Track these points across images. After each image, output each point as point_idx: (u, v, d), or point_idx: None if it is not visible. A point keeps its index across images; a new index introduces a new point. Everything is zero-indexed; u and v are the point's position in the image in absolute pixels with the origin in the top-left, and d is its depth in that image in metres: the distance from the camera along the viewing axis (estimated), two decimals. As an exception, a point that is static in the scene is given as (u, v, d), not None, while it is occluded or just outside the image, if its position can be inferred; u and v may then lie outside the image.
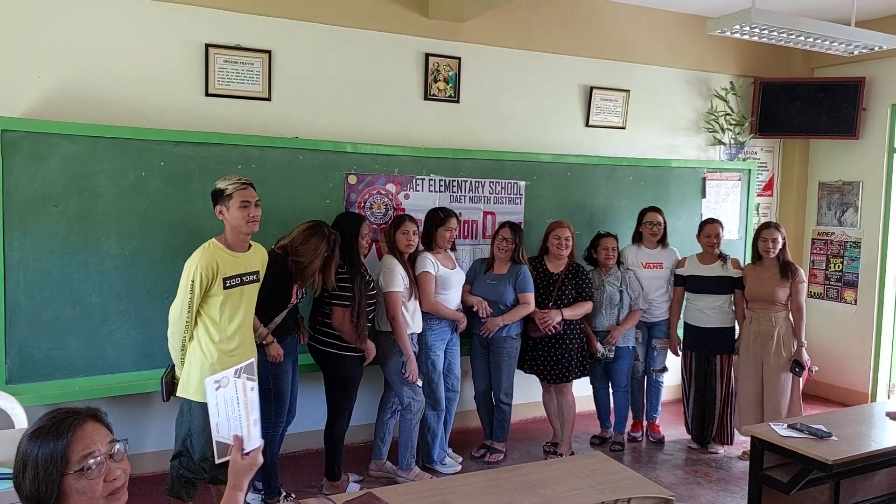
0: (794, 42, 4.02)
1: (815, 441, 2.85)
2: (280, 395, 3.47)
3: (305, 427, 4.08)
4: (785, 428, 2.96)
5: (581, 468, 2.43)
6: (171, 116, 3.84)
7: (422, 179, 4.36)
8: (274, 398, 3.44)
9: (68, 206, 3.43)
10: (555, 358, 4.22)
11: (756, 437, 2.95)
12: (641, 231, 4.65)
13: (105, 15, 3.69)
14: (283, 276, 3.32)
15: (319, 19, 4.20)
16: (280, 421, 3.52)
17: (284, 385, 3.49)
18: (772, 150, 6.06)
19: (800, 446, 2.78)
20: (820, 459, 2.68)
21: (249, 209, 2.95)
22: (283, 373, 3.47)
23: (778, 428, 2.96)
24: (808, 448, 2.77)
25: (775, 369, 4.31)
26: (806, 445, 2.80)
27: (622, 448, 4.56)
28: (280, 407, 3.49)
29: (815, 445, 2.80)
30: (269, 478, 3.57)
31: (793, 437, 2.88)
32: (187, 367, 2.92)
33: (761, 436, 2.92)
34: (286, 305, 3.42)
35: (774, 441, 2.85)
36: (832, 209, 5.85)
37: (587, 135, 5.17)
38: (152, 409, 3.89)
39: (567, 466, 2.45)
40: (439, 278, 3.97)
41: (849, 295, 5.72)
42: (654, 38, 5.33)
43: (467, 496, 2.15)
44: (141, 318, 3.59)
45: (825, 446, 2.80)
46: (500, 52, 4.79)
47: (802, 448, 2.77)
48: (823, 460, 2.67)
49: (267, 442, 3.47)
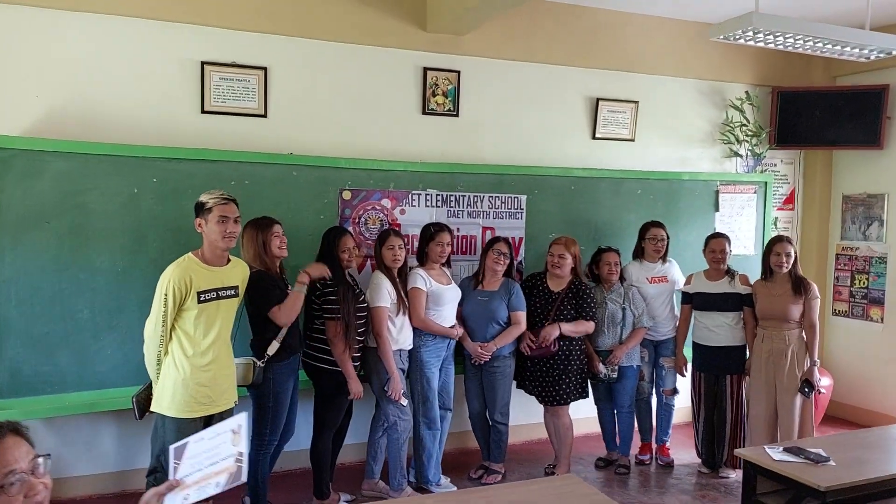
0: (803, 48, 3.88)
1: (810, 466, 2.68)
2: (276, 414, 3.45)
3: (301, 445, 4.04)
4: (780, 451, 2.80)
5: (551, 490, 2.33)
6: (167, 134, 3.88)
7: (418, 194, 4.32)
8: (271, 415, 3.43)
9: (61, 222, 3.49)
10: (552, 378, 4.10)
11: (748, 461, 2.80)
12: (644, 246, 4.51)
13: (102, 34, 3.76)
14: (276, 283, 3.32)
15: (316, 35, 4.22)
16: (273, 439, 3.50)
17: (282, 404, 3.47)
18: (792, 162, 5.85)
19: (792, 471, 2.62)
20: (812, 486, 2.52)
21: (227, 224, 2.95)
22: (282, 392, 3.45)
23: (773, 452, 2.80)
24: (800, 473, 2.60)
25: (789, 390, 4.11)
26: (799, 471, 2.63)
27: (627, 471, 4.40)
28: (274, 426, 3.46)
29: (810, 471, 2.64)
30: (258, 496, 3.54)
31: (787, 461, 2.72)
32: (161, 382, 2.92)
33: (753, 460, 2.77)
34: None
35: (766, 465, 2.70)
36: (857, 223, 5.61)
37: (594, 147, 5.07)
38: (144, 424, 3.89)
39: (534, 489, 2.35)
40: (432, 294, 3.90)
41: (875, 313, 5.46)
42: (664, 48, 5.21)
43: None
44: (132, 334, 3.58)
45: (820, 471, 2.63)
46: (501, 64, 4.74)
47: (794, 473, 2.61)
48: (816, 487, 2.51)
49: (258, 461, 3.48)
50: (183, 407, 2.90)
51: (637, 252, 4.57)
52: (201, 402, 2.94)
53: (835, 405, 5.53)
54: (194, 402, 2.91)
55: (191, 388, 2.90)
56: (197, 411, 2.93)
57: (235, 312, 3.12)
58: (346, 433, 3.91)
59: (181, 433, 2.90)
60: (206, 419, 2.99)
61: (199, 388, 2.92)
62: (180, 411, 2.90)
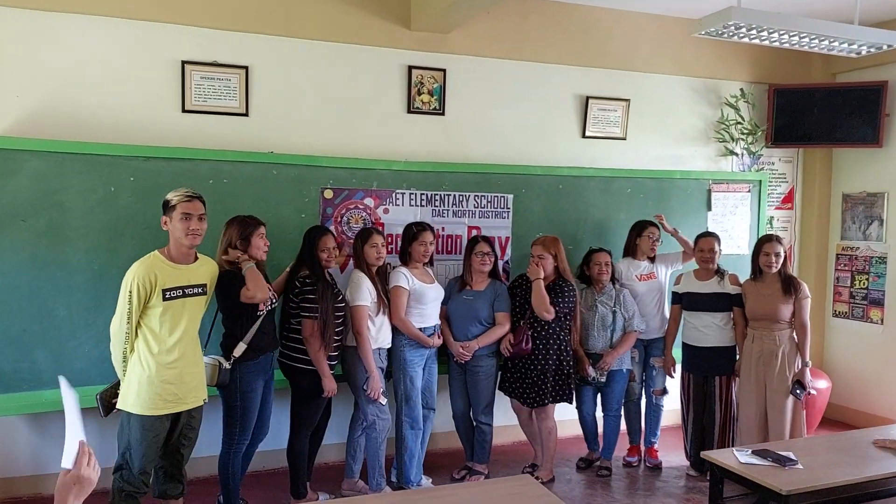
0: (790, 43, 3.80)
1: (775, 469, 2.61)
2: (245, 413, 3.44)
3: (278, 445, 4.03)
4: (748, 454, 2.73)
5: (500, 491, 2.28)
6: (148, 133, 3.90)
7: (402, 193, 4.29)
8: (240, 414, 3.41)
9: (37, 221, 3.51)
10: (530, 380, 4.05)
11: (715, 463, 2.73)
12: (639, 244, 4.45)
13: (83, 35, 3.79)
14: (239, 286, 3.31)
15: (298, 34, 4.22)
16: (243, 438, 3.48)
17: (251, 403, 3.45)
18: (791, 160, 5.74)
19: (755, 474, 2.55)
20: (774, 489, 2.45)
21: (191, 222, 2.94)
22: (251, 391, 3.43)
23: (740, 454, 2.73)
24: (763, 476, 2.53)
25: (780, 392, 4.02)
26: (762, 474, 2.56)
27: (609, 473, 4.32)
28: (243, 425, 3.45)
29: (774, 474, 2.57)
30: (230, 495, 3.53)
31: (753, 463, 2.65)
32: (127, 379, 2.92)
33: (719, 462, 2.70)
34: (257, 315, 3.37)
35: (731, 468, 2.63)
36: (857, 222, 5.49)
37: (584, 146, 5.01)
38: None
39: (488, 489, 2.32)
40: (414, 292, 3.88)
41: (875, 314, 5.34)
42: (656, 45, 5.15)
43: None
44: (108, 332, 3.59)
45: (786, 475, 2.56)
46: (488, 62, 4.70)
47: (758, 476, 2.54)
48: (778, 490, 2.44)
49: (229, 460, 3.47)
50: (148, 404, 2.89)
51: (627, 250, 4.50)
52: (167, 399, 2.93)
53: (833, 408, 5.41)
54: (160, 400, 2.91)
55: (156, 386, 2.90)
56: (162, 409, 2.93)
57: (203, 310, 3.11)
58: (324, 433, 3.89)
59: (147, 430, 2.91)
60: (173, 417, 2.99)
61: (164, 386, 2.91)
62: (145, 408, 2.89)
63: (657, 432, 4.56)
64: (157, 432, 2.93)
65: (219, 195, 3.74)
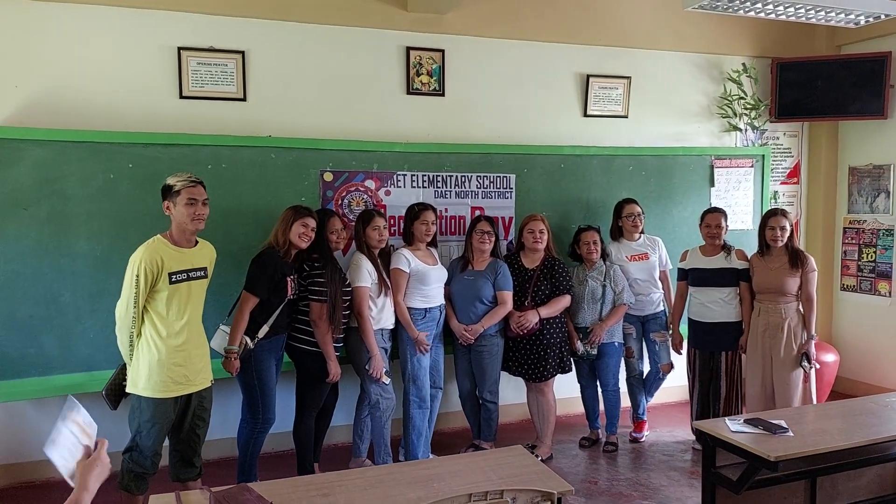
0: (785, 14, 3.77)
1: (765, 437, 2.61)
2: (265, 392, 3.48)
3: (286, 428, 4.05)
4: (740, 423, 2.74)
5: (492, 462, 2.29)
6: (146, 120, 3.91)
7: (403, 175, 4.29)
8: (259, 394, 3.46)
9: (39, 209, 3.53)
10: (536, 356, 4.06)
11: (706, 432, 2.73)
12: (622, 225, 4.44)
13: (80, 24, 3.80)
14: (276, 268, 3.38)
15: (293, 18, 4.21)
16: (269, 417, 3.53)
17: (268, 379, 3.50)
18: (796, 134, 5.69)
19: (745, 441, 2.55)
20: (762, 456, 2.44)
21: (196, 207, 2.95)
22: (265, 369, 3.48)
23: (732, 423, 2.74)
24: (752, 444, 2.53)
25: (786, 364, 4.01)
26: (752, 441, 2.56)
27: (615, 449, 4.33)
28: (266, 403, 3.50)
29: (763, 441, 2.56)
30: (247, 474, 3.55)
31: (744, 431, 2.65)
32: (136, 363, 2.93)
33: (710, 431, 2.70)
34: (283, 299, 3.44)
35: (722, 436, 2.63)
36: (863, 195, 5.44)
37: (586, 125, 4.98)
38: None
39: (478, 461, 2.31)
40: (416, 274, 3.88)
41: (882, 287, 5.29)
42: (656, 22, 5.10)
43: (353, 490, 2.05)
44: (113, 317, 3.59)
45: (774, 442, 2.55)
46: (487, 42, 4.68)
47: (747, 444, 2.53)
48: (766, 456, 2.44)
49: (251, 439, 3.50)
50: (160, 386, 2.92)
51: (614, 232, 4.49)
52: (178, 381, 2.95)
53: (842, 381, 5.39)
54: (171, 382, 2.93)
55: (167, 369, 2.92)
56: (173, 391, 2.95)
57: (205, 293, 3.13)
58: (332, 414, 3.92)
59: (157, 412, 2.94)
60: (185, 400, 3.01)
61: (175, 368, 2.94)
62: (156, 391, 2.92)
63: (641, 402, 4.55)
64: (168, 414, 2.96)
65: (218, 180, 3.76)
